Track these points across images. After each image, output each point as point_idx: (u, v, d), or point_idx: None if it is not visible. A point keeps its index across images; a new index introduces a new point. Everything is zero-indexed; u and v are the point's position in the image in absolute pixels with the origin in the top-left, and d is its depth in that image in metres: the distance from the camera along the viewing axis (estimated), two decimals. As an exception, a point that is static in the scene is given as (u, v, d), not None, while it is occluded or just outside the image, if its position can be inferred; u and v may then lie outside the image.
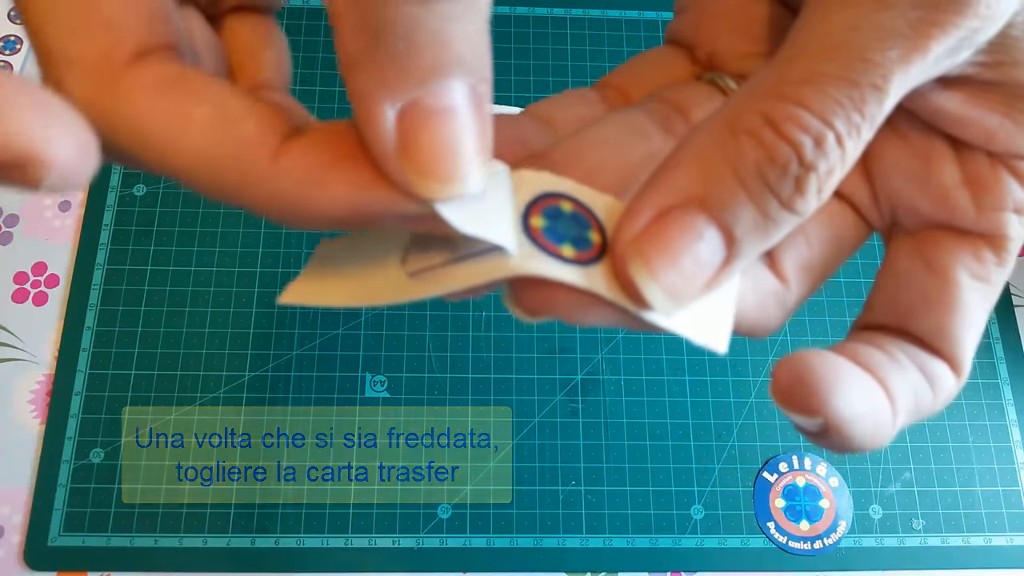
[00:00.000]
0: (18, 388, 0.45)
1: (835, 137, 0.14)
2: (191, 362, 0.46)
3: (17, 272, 0.47)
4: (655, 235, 0.15)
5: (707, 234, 0.15)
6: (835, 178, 0.15)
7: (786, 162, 0.14)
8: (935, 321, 0.17)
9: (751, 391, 0.47)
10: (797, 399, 0.15)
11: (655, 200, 0.15)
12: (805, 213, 0.15)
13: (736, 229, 0.15)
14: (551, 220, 0.16)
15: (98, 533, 0.42)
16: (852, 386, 0.16)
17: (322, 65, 0.53)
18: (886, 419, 0.16)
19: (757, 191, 0.14)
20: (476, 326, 0.48)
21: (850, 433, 0.16)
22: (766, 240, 0.15)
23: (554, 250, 0.15)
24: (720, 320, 0.16)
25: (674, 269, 0.15)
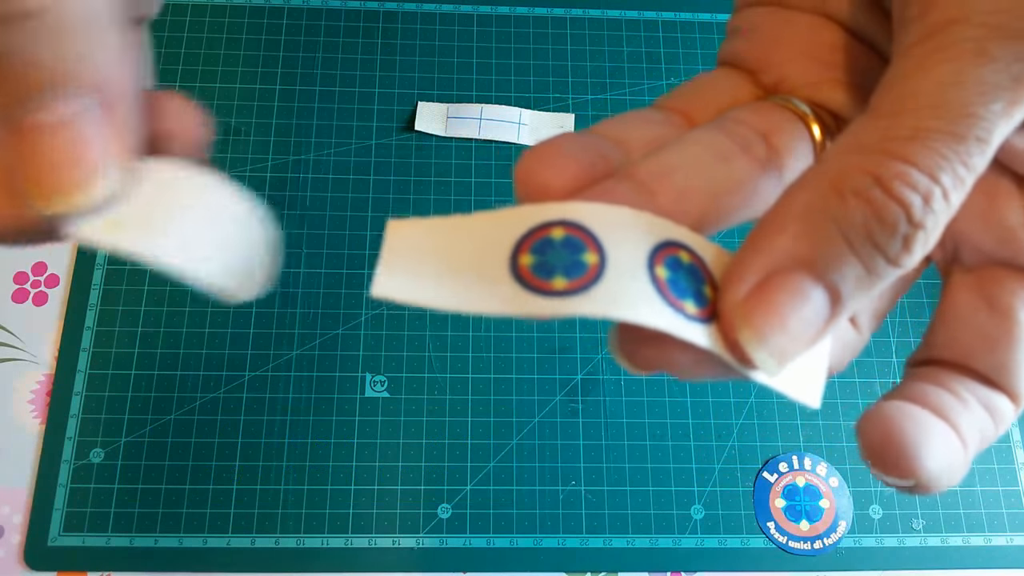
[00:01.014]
0: (18, 388, 0.45)
1: (942, 192, 0.14)
2: (191, 362, 0.46)
3: (17, 272, 0.47)
4: (763, 301, 0.15)
5: (814, 295, 0.15)
6: (938, 231, 0.15)
7: (895, 222, 0.14)
8: (998, 359, 0.17)
9: (751, 391, 0.47)
10: (892, 463, 0.16)
11: (761, 263, 0.15)
12: (910, 266, 0.15)
13: (843, 288, 0.15)
14: (674, 272, 0.16)
15: (98, 533, 0.42)
16: (937, 442, 0.16)
17: (322, 65, 0.53)
18: (962, 464, 0.17)
19: (865, 252, 0.14)
20: (476, 326, 0.48)
21: (936, 487, 0.16)
22: (869, 294, 0.15)
23: (679, 306, 0.15)
24: (814, 375, 0.17)
25: (782, 333, 0.15)
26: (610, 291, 0.15)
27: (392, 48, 0.54)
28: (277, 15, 0.54)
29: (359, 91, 0.52)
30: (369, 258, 0.49)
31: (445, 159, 0.51)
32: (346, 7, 0.55)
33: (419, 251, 0.16)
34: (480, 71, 0.53)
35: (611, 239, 0.16)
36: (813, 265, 0.14)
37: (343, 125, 0.51)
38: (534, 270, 0.15)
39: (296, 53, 0.53)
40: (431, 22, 0.54)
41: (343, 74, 0.53)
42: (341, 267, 0.48)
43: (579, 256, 0.15)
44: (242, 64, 0.52)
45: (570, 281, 0.15)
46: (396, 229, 0.17)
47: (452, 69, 0.53)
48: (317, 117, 0.52)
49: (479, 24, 0.55)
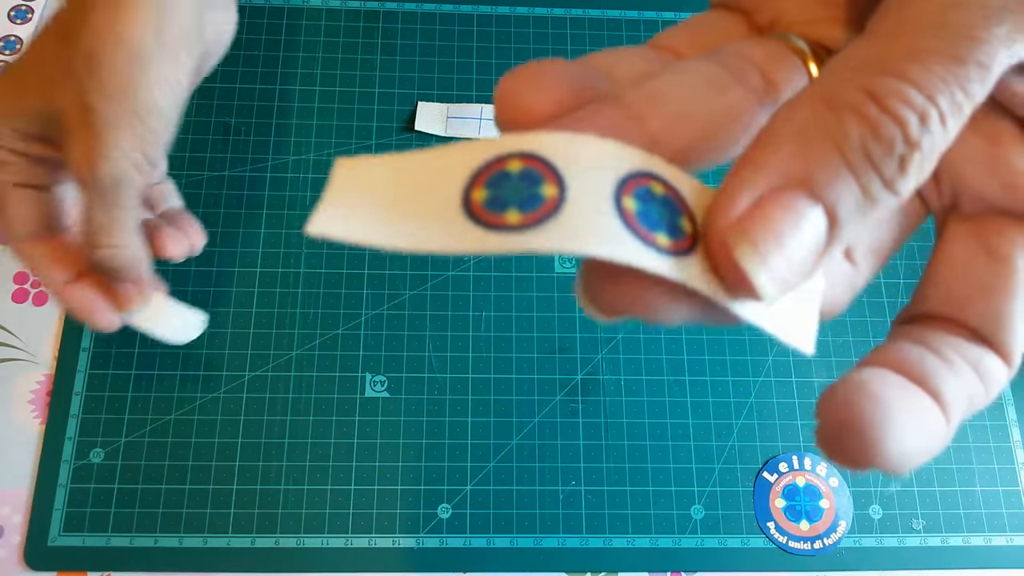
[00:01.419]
0: (18, 388, 0.45)
1: (939, 115, 0.14)
2: (191, 362, 0.46)
3: (17, 272, 0.47)
4: (760, 217, 0.14)
5: (812, 215, 0.14)
6: (935, 158, 0.14)
7: (891, 139, 0.14)
8: (993, 308, 0.17)
9: (751, 391, 0.47)
10: (847, 453, 0.14)
11: (755, 181, 0.14)
12: (904, 193, 0.14)
13: (839, 210, 0.14)
14: (644, 203, 0.15)
15: (98, 533, 0.42)
16: (906, 422, 0.15)
17: (322, 65, 0.53)
18: (941, 435, 0.16)
19: (861, 169, 0.14)
20: (476, 326, 0.48)
21: (902, 469, 0.15)
22: (864, 222, 0.14)
23: (650, 239, 0.14)
24: (807, 317, 0.16)
25: (781, 253, 0.14)
26: (568, 224, 0.14)
27: (392, 48, 0.54)
28: (277, 15, 0.54)
29: (359, 91, 0.52)
30: (369, 258, 0.49)
31: (445, 159, 0.51)
32: (346, 7, 0.55)
33: (367, 187, 0.15)
34: (480, 71, 0.53)
35: (573, 170, 0.14)
36: (810, 184, 0.14)
37: (343, 125, 0.51)
38: (486, 205, 0.14)
39: (296, 53, 0.53)
40: (431, 22, 0.54)
41: (343, 74, 0.53)
42: (341, 267, 0.48)
43: (536, 188, 0.14)
44: (242, 64, 0.52)
45: (524, 215, 0.14)
46: (345, 165, 0.16)
47: (452, 69, 0.53)
48: (317, 117, 0.52)
49: (479, 24, 0.55)
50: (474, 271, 0.49)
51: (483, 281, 0.49)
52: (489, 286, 0.48)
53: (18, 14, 0.53)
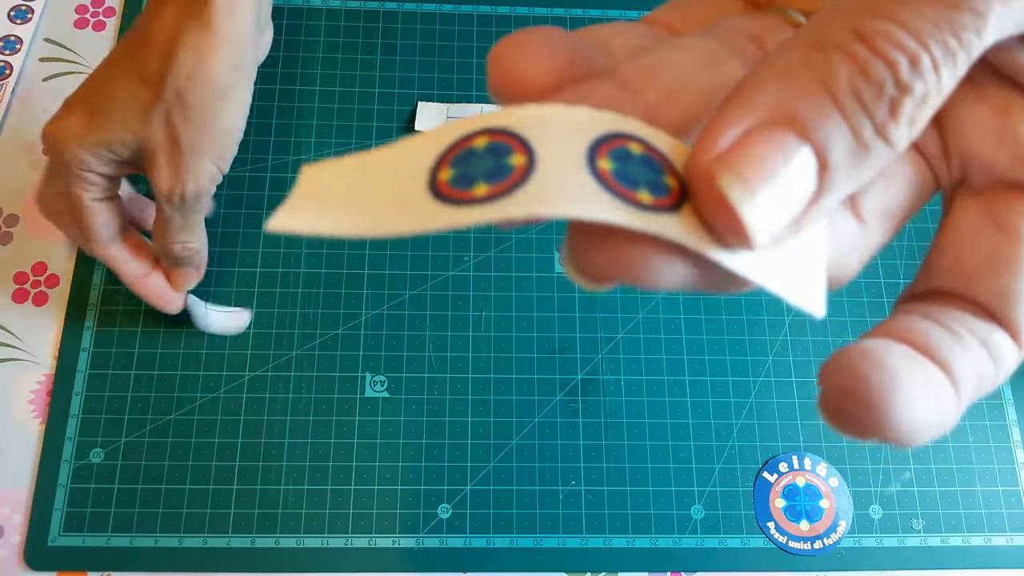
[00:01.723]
0: (18, 388, 0.45)
1: (931, 60, 0.13)
2: (191, 362, 0.46)
3: (17, 272, 0.47)
4: (745, 151, 0.13)
5: (801, 153, 0.13)
6: (928, 108, 0.14)
7: (881, 80, 0.13)
8: (1003, 283, 0.16)
9: (751, 391, 0.47)
10: (850, 415, 0.14)
11: (740, 117, 0.13)
12: (897, 144, 0.14)
13: (830, 152, 0.13)
14: (621, 163, 0.14)
15: (98, 533, 0.42)
16: (914, 391, 0.14)
17: (322, 65, 0.53)
18: (950, 412, 0.15)
19: (851, 110, 0.13)
20: (476, 326, 0.48)
21: (913, 441, 0.14)
22: (857, 173, 0.14)
23: (630, 196, 0.13)
24: (813, 277, 0.15)
25: (769, 188, 0.13)
26: (539, 188, 0.13)
27: (392, 48, 0.54)
28: (278, 15, 0.54)
29: (359, 91, 0.52)
30: (369, 258, 0.49)
31: (445, 159, 0.51)
32: (346, 7, 0.55)
33: (332, 185, 0.15)
34: (480, 71, 0.53)
35: (541, 137, 0.14)
36: (797, 120, 0.13)
37: (343, 125, 0.51)
38: (453, 182, 0.14)
39: (296, 53, 0.53)
40: (431, 22, 0.54)
41: (343, 74, 0.53)
42: (341, 267, 0.48)
43: (503, 160, 0.14)
44: (242, 64, 0.52)
45: (492, 186, 0.14)
46: (310, 170, 0.15)
47: (452, 69, 0.53)
48: (317, 117, 0.52)
49: (479, 24, 0.55)
50: (474, 271, 0.49)
51: (483, 281, 0.49)
52: (489, 286, 0.48)
53: (18, 14, 0.53)
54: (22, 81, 0.52)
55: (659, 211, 0.13)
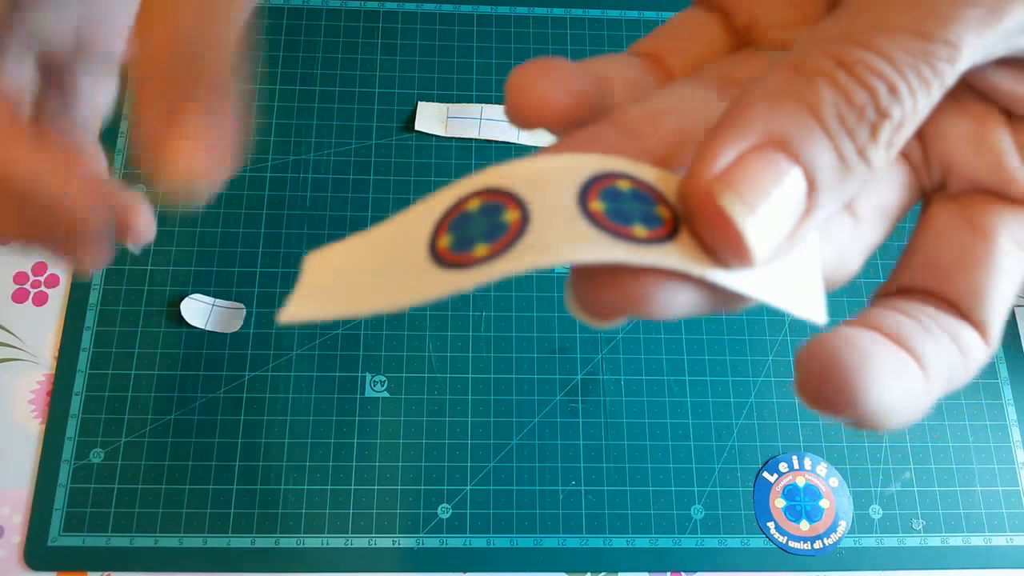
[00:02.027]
0: (18, 388, 0.45)
1: (907, 88, 0.14)
2: (191, 362, 0.46)
3: (17, 272, 0.47)
4: (743, 170, 0.14)
5: (792, 173, 0.14)
6: (904, 132, 0.14)
7: (862, 106, 0.14)
8: (973, 281, 0.17)
9: (751, 391, 0.47)
10: (826, 394, 0.14)
11: (733, 139, 0.14)
12: (875, 165, 0.15)
13: (818, 173, 0.14)
14: (612, 201, 0.14)
15: (98, 533, 0.42)
16: (885, 371, 0.15)
17: (322, 65, 0.53)
18: (924, 397, 0.15)
19: (835, 133, 0.14)
20: (476, 326, 0.48)
21: (884, 422, 0.15)
22: (840, 192, 0.15)
23: (625, 232, 0.14)
24: (811, 287, 0.15)
25: (766, 205, 0.14)
26: (536, 240, 0.14)
27: (392, 48, 0.54)
28: (277, 15, 0.54)
29: (359, 91, 0.52)
30: (369, 258, 0.49)
31: (445, 159, 0.51)
32: (346, 7, 0.55)
33: (337, 269, 0.16)
34: (480, 71, 0.53)
35: (531, 191, 0.14)
36: (787, 144, 0.14)
37: (343, 125, 0.51)
38: (453, 247, 0.14)
39: (296, 53, 0.53)
40: (431, 22, 0.54)
41: (343, 74, 0.53)
42: (341, 267, 0.48)
43: (498, 218, 0.14)
44: (242, 64, 0.52)
45: (492, 245, 0.14)
46: (313, 257, 0.16)
47: (452, 69, 0.53)
48: (317, 117, 0.52)
49: (479, 24, 0.55)
50: (474, 271, 0.49)
51: (483, 281, 0.49)
52: (489, 286, 0.48)
53: None
54: (22, 81, 0.52)
55: (655, 243, 0.14)
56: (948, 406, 0.47)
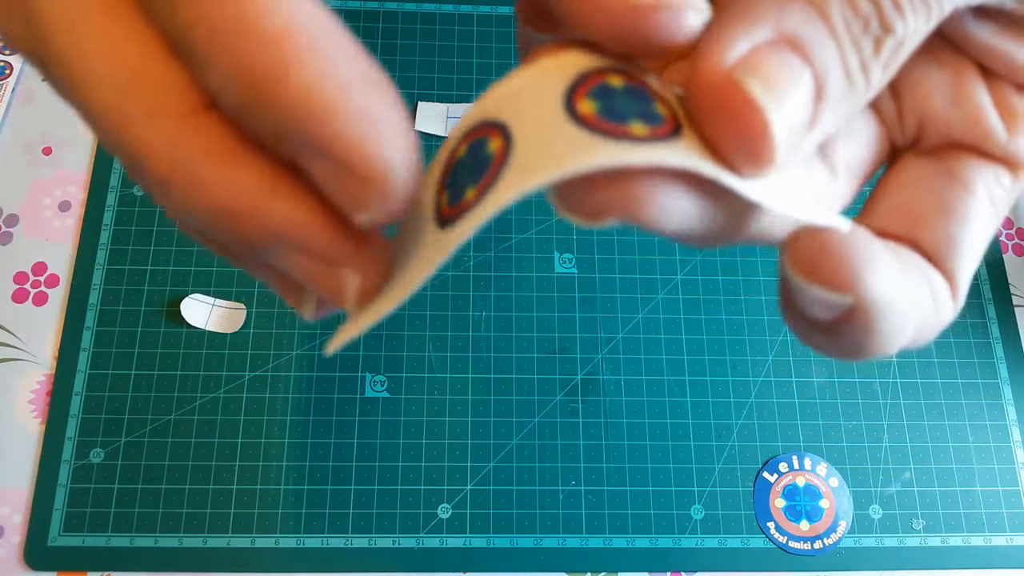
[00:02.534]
0: (18, 388, 0.45)
1: (911, 6, 0.14)
2: (191, 362, 0.46)
3: (17, 272, 0.47)
4: (764, 62, 0.13)
5: (805, 76, 0.13)
6: (901, 54, 0.14)
7: (868, 17, 0.14)
8: (949, 229, 0.16)
9: (751, 391, 0.47)
10: (826, 268, 0.13)
11: (747, 30, 0.13)
12: (873, 83, 0.14)
13: (826, 80, 0.14)
14: (604, 100, 0.13)
15: (98, 533, 0.42)
16: (887, 266, 0.14)
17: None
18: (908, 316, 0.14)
19: (844, 42, 0.14)
20: (476, 326, 0.48)
21: (877, 323, 0.14)
22: (841, 108, 0.14)
23: (621, 132, 0.12)
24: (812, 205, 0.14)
25: (787, 103, 0.13)
26: (521, 163, 0.12)
27: (392, 48, 0.54)
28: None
29: (359, 91, 0.52)
30: (369, 258, 0.49)
31: (445, 159, 0.51)
32: (346, 7, 0.55)
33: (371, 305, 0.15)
34: (480, 71, 0.53)
35: (511, 110, 0.13)
36: (800, 44, 0.13)
37: (343, 125, 0.51)
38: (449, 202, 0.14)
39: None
40: (431, 22, 0.54)
41: (343, 74, 0.53)
42: (341, 267, 0.48)
43: (481, 153, 0.13)
44: (242, 64, 0.52)
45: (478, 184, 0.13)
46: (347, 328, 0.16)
47: (452, 69, 0.53)
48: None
49: (479, 24, 0.55)
50: (474, 271, 0.49)
51: (483, 281, 0.49)
52: (489, 286, 0.48)
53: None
54: (22, 81, 0.52)
55: (657, 141, 0.12)
56: (948, 406, 0.47)
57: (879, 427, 0.47)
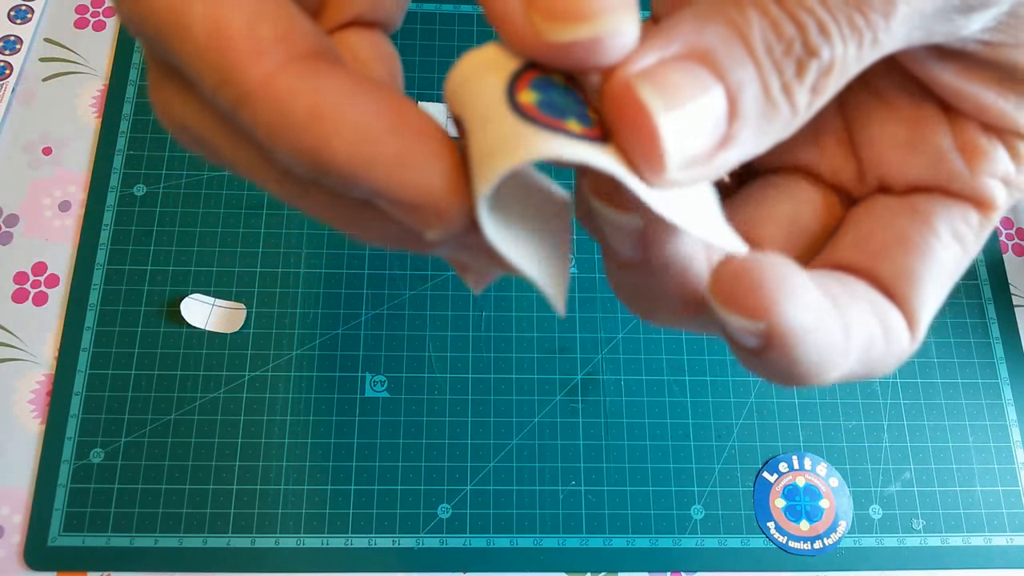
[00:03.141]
0: (18, 388, 0.45)
1: (838, 31, 0.13)
2: (191, 362, 0.46)
3: (17, 272, 0.47)
4: (663, 70, 0.13)
5: (713, 90, 0.13)
6: (831, 81, 0.14)
7: (791, 39, 0.13)
8: (907, 263, 0.16)
9: (751, 391, 0.47)
10: (741, 295, 0.13)
11: (657, 46, 0.13)
12: (798, 108, 0.14)
13: (741, 96, 0.14)
14: (544, 92, 0.13)
15: (98, 533, 0.42)
16: (805, 294, 0.14)
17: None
18: (838, 345, 0.14)
19: (762, 61, 0.14)
20: (476, 326, 0.48)
21: (796, 350, 0.14)
22: (763, 131, 0.14)
23: (558, 125, 0.13)
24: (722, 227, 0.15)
25: (685, 109, 0.13)
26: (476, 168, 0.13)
27: (392, 48, 0.54)
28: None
29: (359, 91, 0.52)
30: (369, 258, 0.49)
31: (445, 159, 0.51)
32: (346, 7, 0.54)
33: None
34: (480, 71, 0.53)
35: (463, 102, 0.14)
36: (710, 59, 0.13)
37: (343, 125, 0.51)
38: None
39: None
40: (431, 22, 0.54)
41: (343, 74, 0.53)
42: (341, 267, 0.48)
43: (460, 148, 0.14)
44: (242, 64, 0.52)
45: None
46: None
47: (452, 69, 0.53)
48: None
49: (479, 24, 0.55)
50: (474, 271, 0.49)
51: (483, 281, 0.48)
52: (489, 286, 0.48)
53: (18, 14, 0.53)
54: (22, 81, 0.52)
55: (590, 141, 0.13)
56: (948, 406, 0.47)
57: (879, 427, 0.47)
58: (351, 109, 0.13)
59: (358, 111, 0.13)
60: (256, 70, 0.13)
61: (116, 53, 0.53)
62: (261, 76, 0.13)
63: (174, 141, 0.50)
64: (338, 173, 0.13)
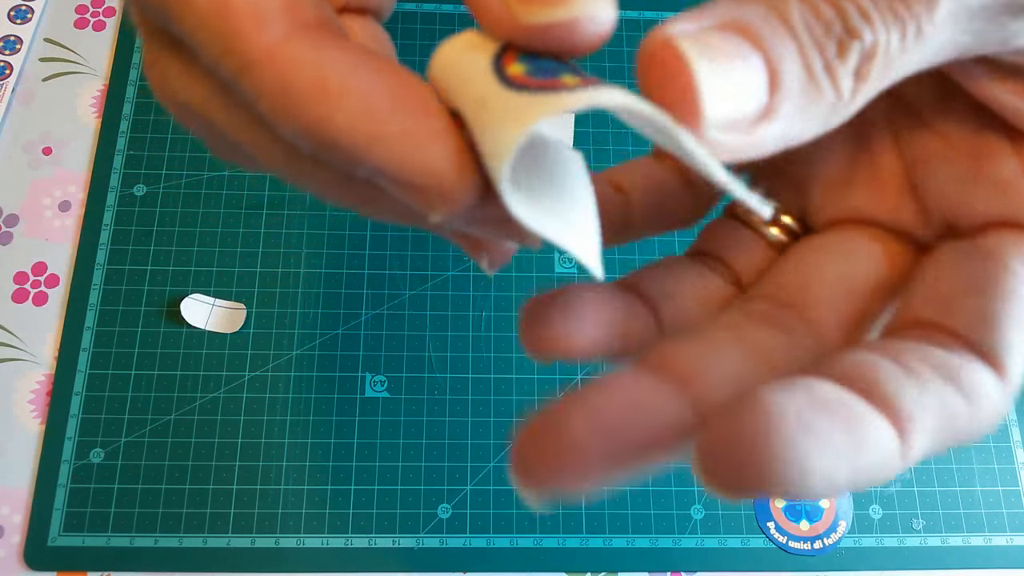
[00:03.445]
0: (18, 388, 0.45)
1: (879, 15, 0.13)
2: (191, 362, 0.46)
3: (17, 272, 0.47)
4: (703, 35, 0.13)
5: (753, 58, 0.13)
6: (875, 69, 0.14)
7: (830, 20, 0.13)
8: (981, 305, 0.15)
9: (751, 391, 0.47)
10: (728, 479, 0.12)
11: (693, 18, 0.13)
12: (843, 91, 0.14)
13: (782, 68, 0.13)
14: (531, 62, 0.13)
15: (98, 533, 0.42)
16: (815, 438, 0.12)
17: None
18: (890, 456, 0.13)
19: (802, 38, 0.13)
20: (476, 326, 0.48)
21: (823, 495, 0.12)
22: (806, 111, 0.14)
23: (554, 84, 0.13)
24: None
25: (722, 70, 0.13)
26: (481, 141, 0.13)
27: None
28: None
29: (359, 91, 0.52)
30: (369, 258, 0.49)
31: (445, 159, 0.51)
32: (346, 7, 0.55)
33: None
34: (480, 71, 0.53)
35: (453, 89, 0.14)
36: (750, 31, 0.13)
37: (343, 125, 0.51)
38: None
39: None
40: (431, 22, 0.54)
41: (343, 74, 0.53)
42: (341, 267, 0.48)
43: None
44: (242, 64, 0.52)
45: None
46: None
47: (452, 69, 0.53)
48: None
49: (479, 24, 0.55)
50: (474, 271, 0.49)
51: (483, 281, 0.49)
52: (489, 286, 0.48)
53: (18, 14, 0.53)
54: (22, 81, 0.52)
55: (592, 86, 0.13)
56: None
57: (879, 427, 0.47)
58: (356, 84, 0.13)
59: (363, 86, 0.13)
60: (260, 39, 0.13)
61: (116, 53, 0.53)
62: (265, 46, 0.13)
63: (174, 141, 0.50)
64: (340, 149, 0.13)
